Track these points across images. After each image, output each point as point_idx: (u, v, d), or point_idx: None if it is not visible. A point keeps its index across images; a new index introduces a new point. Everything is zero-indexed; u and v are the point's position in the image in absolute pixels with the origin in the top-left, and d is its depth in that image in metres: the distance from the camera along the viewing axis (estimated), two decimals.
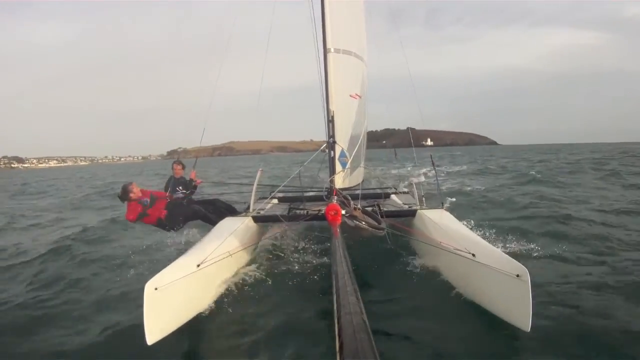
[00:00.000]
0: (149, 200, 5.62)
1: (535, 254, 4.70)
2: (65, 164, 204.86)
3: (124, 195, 5.44)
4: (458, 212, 6.07)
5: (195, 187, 6.66)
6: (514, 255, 3.77)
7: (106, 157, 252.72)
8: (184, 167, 6.63)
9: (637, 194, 10.13)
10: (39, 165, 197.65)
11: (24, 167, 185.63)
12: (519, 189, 11.71)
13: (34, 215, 11.02)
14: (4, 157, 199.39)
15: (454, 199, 8.95)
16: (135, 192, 5.45)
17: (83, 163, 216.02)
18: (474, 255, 3.44)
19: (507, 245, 4.88)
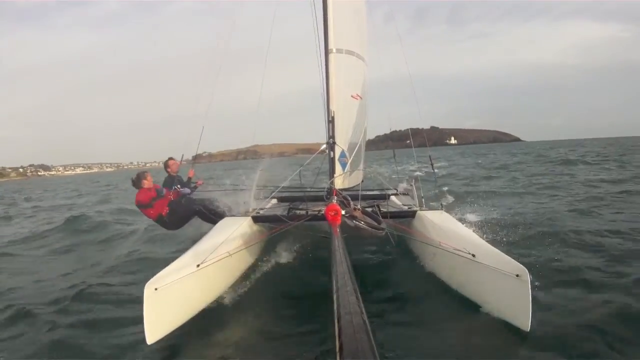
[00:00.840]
0: (163, 191, 5.76)
1: (534, 252, 4.70)
2: (92, 171, 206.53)
3: (137, 182, 5.71)
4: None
5: (195, 187, 6.65)
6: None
7: (132, 163, 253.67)
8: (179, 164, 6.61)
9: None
10: (65, 172, 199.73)
11: (50, 174, 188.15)
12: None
13: None
14: (30, 166, 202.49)
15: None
16: (149, 181, 5.72)
17: (109, 169, 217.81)
18: (473, 255, 3.45)
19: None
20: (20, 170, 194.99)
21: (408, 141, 7.35)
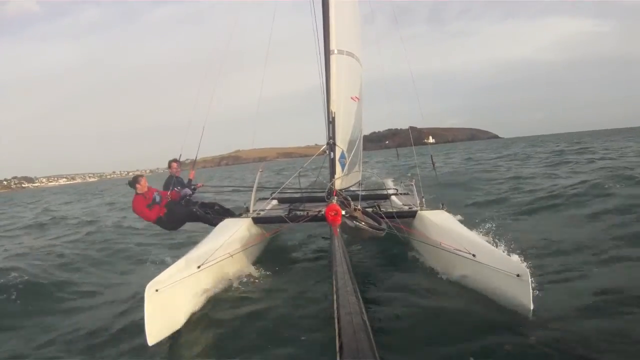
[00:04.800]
0: (158, 198, 5.80)
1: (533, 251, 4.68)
2: (75, 182, 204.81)
3: (132, 183, 5.80)
4: None
5: (195, 189, 6.66)
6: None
7: (114, 172, 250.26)
8: (180, 165, 6.64)
9: None
10: (49, 183, 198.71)
11: (34, 186, 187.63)
12: None
13: None
14: (14, 178, 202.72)
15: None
16: (142, 184, 5.73)
17: (92, 179, 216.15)
18: (474, 255, 3.45)
19: None
20: (5, 182, 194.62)
21: (387, 142, 7.34)
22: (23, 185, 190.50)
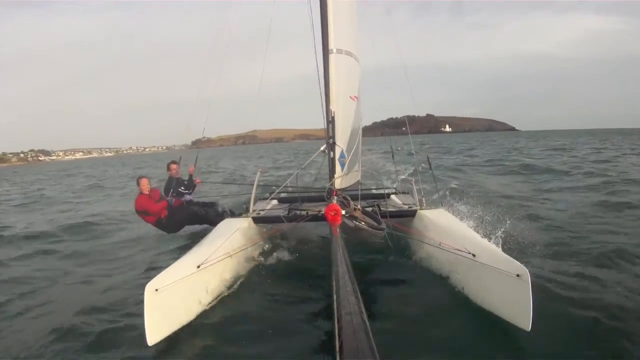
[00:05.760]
0: (163, 201, 5.92)
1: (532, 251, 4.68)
2: (91, 155, 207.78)
3: (137, 183, 6.00)
4: None
5: (194, 185, 6.66)
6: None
7: (131, 147, 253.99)
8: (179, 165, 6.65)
9: None
10: (65, 157, 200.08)
11: (50, 159, 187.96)
12: None
13: None
14: (31, 151, 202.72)
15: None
16: (143, 184, 5.85)
17: (108, 154, 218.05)
18: (474, 255, 3.45)
19: None
20: (21, 155, 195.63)
21: (404, 128, 7.34)
22: (40, 158, 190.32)
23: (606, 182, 10.57)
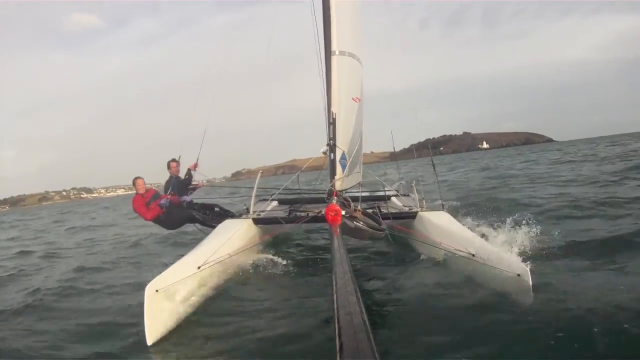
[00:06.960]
0: (164, 201, 5.97)
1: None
2: (133, 192, 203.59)
3: (133, 184, 6.18)
4: None
5: (195, 189, 6.66)
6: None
7: None
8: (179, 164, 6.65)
9: None
10: (107, 194, 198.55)
11: (92, 196, 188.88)
12: None
13: None
14: (73, 189, 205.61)
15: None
16: (139, 184, 6.04)
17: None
18: (474, 255, 3.45)
19: None
20: (64, 193, 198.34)
21: (442, 148, 7.28)
22: (82, 196, 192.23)
23: None
